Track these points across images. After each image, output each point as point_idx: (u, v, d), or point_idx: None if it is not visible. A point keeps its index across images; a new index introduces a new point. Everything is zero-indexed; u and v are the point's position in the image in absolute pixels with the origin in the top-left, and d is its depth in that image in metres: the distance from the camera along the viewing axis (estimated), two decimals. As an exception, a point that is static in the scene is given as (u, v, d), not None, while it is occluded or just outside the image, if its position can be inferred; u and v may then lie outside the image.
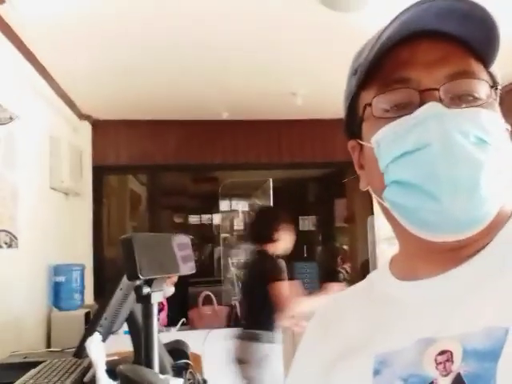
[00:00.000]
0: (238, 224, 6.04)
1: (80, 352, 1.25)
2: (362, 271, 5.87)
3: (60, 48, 3.52)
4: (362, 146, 0.67)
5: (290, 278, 5.50)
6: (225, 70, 4.07)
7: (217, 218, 6.06)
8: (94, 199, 5.18)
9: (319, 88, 4.55)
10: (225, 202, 5.88)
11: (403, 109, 0.61)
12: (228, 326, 3.66)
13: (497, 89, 0.64)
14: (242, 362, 3.06)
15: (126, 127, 5.25)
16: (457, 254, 0.60)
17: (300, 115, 5.31)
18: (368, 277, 0.75)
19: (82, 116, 4.96)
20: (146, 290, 1.17)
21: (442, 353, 0.55)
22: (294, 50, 3.75)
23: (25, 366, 1.72)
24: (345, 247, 6.81)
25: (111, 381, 1.25)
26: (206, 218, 6.58)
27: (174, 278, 3.94)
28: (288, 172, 6.25)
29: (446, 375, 0.54)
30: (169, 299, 3.92)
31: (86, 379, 1.40)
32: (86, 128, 5.11)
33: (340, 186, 6.79)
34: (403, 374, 0.57)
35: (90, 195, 5.13)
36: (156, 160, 5.37)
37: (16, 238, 3.48)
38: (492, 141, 0.59)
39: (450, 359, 0.54)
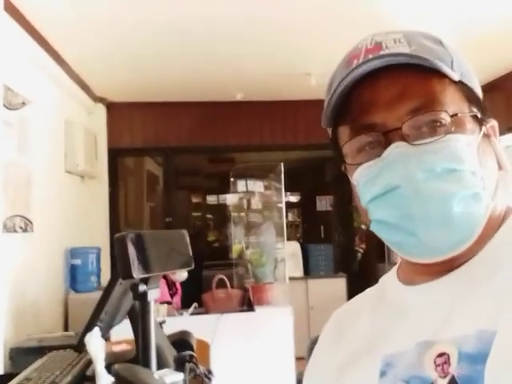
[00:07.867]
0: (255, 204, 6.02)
1: (80, 346, 1.26)
2: (376, 251, 5.85)
3: (72, 32, 3.51)
4: None
5: (305, 260, 5.53)
6: (237, 52, 4.02)
7: (230, 199, 6.03)
8: (110, 181, 5.22)
9: (333, 68, 4.48)
10: (240, 183, 5.83)
11: (373, 149, 0.63)
12: (241, 310, 3.68)
13: (472, 100, 0.65)
14: None
15: (140, 109, 5.25)
16: (451, 263, 0.63)
17: (315, 95, 5.24)
18: (380, 280, 0.79)
19: (97, 98, 4.97)
20: (142, 287, 1.17)
21: (440, 355, 0.57)
22: (306, 31, 3.69)
23: (38, 351, 1.76)
24: (363, 227, 6.76)
25: (110, 376, 1.26)
26: (222, 198, 6.60)
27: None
28: (304, 153, 6.21)
29: (444, 377, 0.56)
30: (183, 283, 3.95)
31: (88, 372, 1.42)
32: (101, 110, 5.13)
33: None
34: (405, 375, 0.60)
35: (105, 178, 5.17)
36: (170, 142, 5.37)
37: (31, 223, 3.53)
38: (463, 165, 0.60)
39: (448, 361, 0.56)
